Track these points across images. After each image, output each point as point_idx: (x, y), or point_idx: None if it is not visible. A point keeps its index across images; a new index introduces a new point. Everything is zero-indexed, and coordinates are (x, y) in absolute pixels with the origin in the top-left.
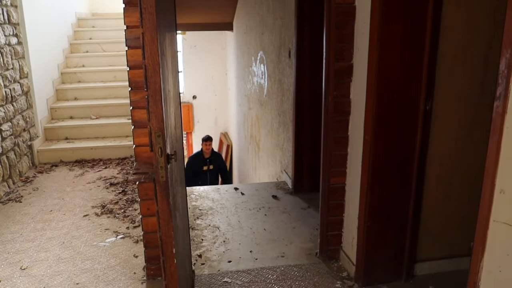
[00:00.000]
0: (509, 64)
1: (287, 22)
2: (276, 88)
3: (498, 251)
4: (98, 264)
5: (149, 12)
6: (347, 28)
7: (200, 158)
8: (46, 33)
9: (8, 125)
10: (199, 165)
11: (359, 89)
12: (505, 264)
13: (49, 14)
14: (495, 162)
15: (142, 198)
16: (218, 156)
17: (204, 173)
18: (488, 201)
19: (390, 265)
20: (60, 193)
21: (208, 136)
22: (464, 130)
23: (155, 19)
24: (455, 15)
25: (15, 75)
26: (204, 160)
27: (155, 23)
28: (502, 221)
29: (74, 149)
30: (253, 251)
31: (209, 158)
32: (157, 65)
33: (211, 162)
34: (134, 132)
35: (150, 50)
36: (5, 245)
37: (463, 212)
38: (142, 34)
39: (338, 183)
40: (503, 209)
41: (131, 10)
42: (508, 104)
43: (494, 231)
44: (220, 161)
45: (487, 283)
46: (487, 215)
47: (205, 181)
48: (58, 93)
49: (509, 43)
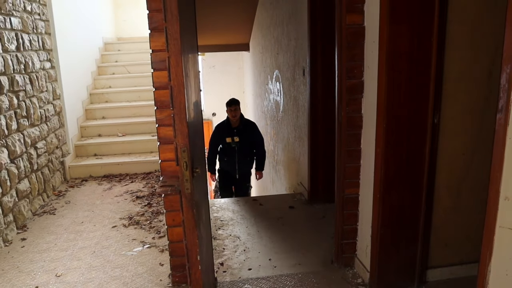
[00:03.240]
0: (510, 79)
1: (301, 43)
2: (292, 105)
3: (504, 255)
4: (127, 272)
5: (174, 38)
6: (357, 48)
7: (224, 127)
8: (76, 58)
9: (43, 143)
10: (223, 136)
11: (370, 105)
12: (511, 268)
13: (79, 40)
14: (499, 171)
15: (167, 210)
16: (250, 126)
17: (228, 148)
18: (493, 208)
19: (403, 272)
20: (90, 206)
21: (233, 99)
22: (471, 141)
23: (179, 44)
24: (459, 33)
25: (48, 97)
26: (229, 130)
27: (179, 48)
28: (507, 226)
29: (103, 165)
30: (272, 259)
31: (237, 128)
32: (182, 86)
33: (239, 133)
34: (159, 148)
35: (175, 73)
36: (41, 254)
37: (472, 220)
38: (168, 58)
39: (352, 194)
40: (508, 215)
41: (156, 36)
42: (509, 116)
43: (500, 237)
44: (253, 132)
45: (495, 286)
46: (493, 222)
47: (231, 160)
48: (87, 112)
49: (509, 59)
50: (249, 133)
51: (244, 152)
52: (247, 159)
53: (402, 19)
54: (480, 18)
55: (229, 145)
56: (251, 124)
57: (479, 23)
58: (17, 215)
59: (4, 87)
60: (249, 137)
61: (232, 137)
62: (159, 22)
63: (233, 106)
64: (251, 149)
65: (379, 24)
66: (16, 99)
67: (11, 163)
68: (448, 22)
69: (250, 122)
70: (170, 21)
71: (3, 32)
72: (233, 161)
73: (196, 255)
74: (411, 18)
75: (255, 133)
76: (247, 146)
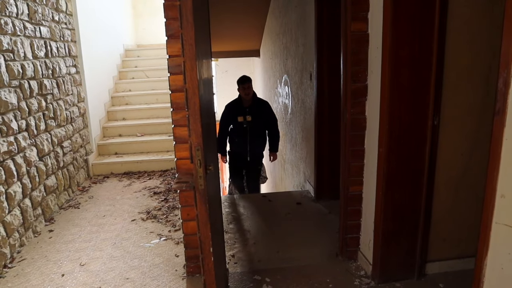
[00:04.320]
0: (506, 83)
1: (308, 49)
2: (299, 107)
3: (500, 250)
4: (145, 262)
5: (189, 44)
6: (362, 53)
7: (235, 106)
8: (99, 63)
9: (68, 142)
10: (234, 115)
11: (373, 107)
12: (506, 262)
13: (102, 47)
14: (496, 169)
15: (183, 205)
16: (263, 105)
17: (240, 128)
18: (490, 205)
19: (404, 265)
20: (111, 200)
21: (246, 76)
22: (469, 142)
23: (194, 50)
24: (458, 39)
25: (73, 100)
26: (241, 109)
27: (194, 53)
28: (503, 223)
29: (123, 163)
30: (280, 252)
31: (249, 107)
32: (196, 89)
33: (251, 112)
34: (175, 147)
35: (190, 76)
36: (67, 245)
37: (470, 216)
38: (184, 62)
39: (356, 191)
40: (504, 212)
41: (173, 42)
42: (506, 118)
43: (496, 232)
44: (266, 111)
45: (490, 279)
46: (489, 218)
47: (242, 141)
48: (109, 114)
49: (506, 64)
50: (262, 112)
51: (256, 133)
52: (259, 140)
53: (404, 26)
54: (478, 25)
55: (240, 125)
56: (264, 103)
57: (477, 30)
58: (45, 209)
59: (34, 91)
60: (261, 117)
61: (244, 116)
62: (175, 30)
63: (246, 84)
64: (264, 129)
65: (382, 31)
66: (44, 101)
67: (40, 160)
68: (448, 30)
69: (263, 101)
70: (186, 28)
71: (33, 40)
72: (245, 142)
73: (209, 247)
74: (412, 26)
75: (268, 112)
76: (259, 126)
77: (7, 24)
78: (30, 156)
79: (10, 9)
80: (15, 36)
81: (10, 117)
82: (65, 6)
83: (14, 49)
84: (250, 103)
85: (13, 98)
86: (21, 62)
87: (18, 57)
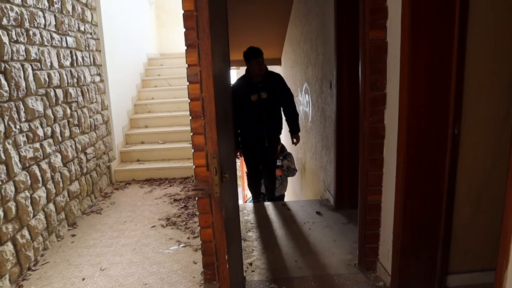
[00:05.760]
0: None
1: (328, 57)
2: (320, 116)
3: None
4: (163, 268)
5: (205, 54)
6: (380, 61)
7: (245, 84)
8: (122, 72)
9: (92, 149)
10: (246, 94)
11: (392, 115)
12: None
13: (125, 56)
14: None
15: (201, 212)
16: (276, 78)
17: (254, 106)
18: (510, 217)
19: (423, 276)
20: (133, 207)
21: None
22: (491, 152)
23: (210, 59)
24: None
25: (97, 108)
26: (252, 86)
27: (210, 63)
28: None
29: (144, 170)
30: (298, 261)
31: (261, 82)
32: (212, 97)
33: (265, 88)
34: (194, 155)
35: (206, 85)
36: (88, 249)
37: (492, 229)
38: (200, 72)
39: (374, 200)
40: None
41: (191, 51)
42: None
43: None
44: (281, 85)
45: None
46: (509, 230)
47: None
48: (132, 121)
49: None
50: (276, 87)
51: (273, 112)
52: (276, 120)
53: (422, 34)
54: (500, 31)
55: (254, 105)
56: (276, 76)
57: (499, 36)
58: (68, 214)
59: (59, 99)
60: (276, 92)
61: (258, 93)
62: (193, 39)
63: (260, 58)
64: (278, 107)
65: (400, 39)
66: (69, 109)
67: (64, 166)
68: (468, 36)
69: (274, 73)
70: (202, 38)
71: (59, 50)
72: (261, 125)
73: (224, 254)
74: (431, 33)
75: (283, 86)
76: (275, 104)
77: (35, 35)
78: (54, 162)
79: (38, 21)
80: (43, 46)
81: (37, 124)
82: (91, 16)
83: (42, 59)
84: (262, 78)
85: (40, 106)
86: (47, 71)
87: (45, 66)
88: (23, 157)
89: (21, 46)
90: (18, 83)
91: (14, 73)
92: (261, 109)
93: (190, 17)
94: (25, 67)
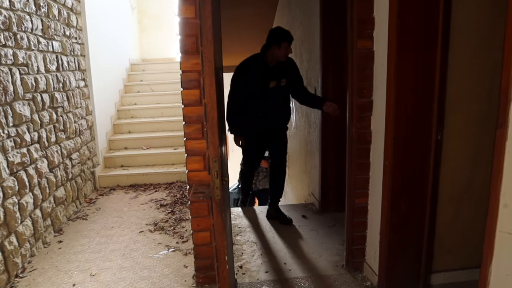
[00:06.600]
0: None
1: (313, 65)
2: (304, 121)
3: (504, 258)
4: (154, 273)
5: (208, 61)
6: (367, 70)
7: (260, 67)
8: (106, 77)
9: (77, 154)
10: (263, 79)
11: (378, 121)
12: (511, 270)
13: (109, 60)
14: (499, 180)
15: (193, 216)
16: (291, 63)
17: (267, 96)
18: (494, 214)
19: (409, 276)
20: (119, 212)
21: (289, 32)
22: (472, 155)
23: (213, 66)
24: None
25: (82, 113)
26: (269, 71)
27: (213, 70)
28: (506, 231)
29: (129, 175)
30: (287, 263)
31: (276, 67)
32: (215, 104)
33: (281, 74)
34: (187, 159)
35: (209, 92)
36: (77, 255)
37: (473, 228)
38: (203, 78)
39: (361, 203)
40: (507, 221)
41: (186, 58)
42: (508, 132)
43: (500, 241)
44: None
45: (495, 286)
46: (493, 227)
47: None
48: (115, 127)
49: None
50: (292, 73)
51: (286, 100)
52: (287, 110)
53: (408, 44)
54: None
55: (269, 92)
56: (291, 60)
57: (479, 47)
58: (54, 220)
59: (46, 104)
60: (291, 78)
61: (277, 79)
62: (189, 46)
63: (291, 43)
64: (289, 94)
65: (387, 49)
66: (55, 114)
67: (50, 172)
68: (450, 47)
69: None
70: (206, 46)
71: (46, 55)
72: (273, 115)
73: (224, 255)
74: (416, 42)
75: (297, 71)
76: (286, 91)
77: (22, 39)
78: (41, 168)
79: (26, 25)
80: (30, 50)
81: (24, 129)
82: (76, 21)
83: (29, 63)
84: (276, 63)
85: (27, 111)
86: (34, 76)
87: (32, 70)
88: (10, 162)
89: (9, 50)
90: (6, 88)
91: (2, 77)
92: (276, 98)
93: (188, 24)
94: (12, 71)
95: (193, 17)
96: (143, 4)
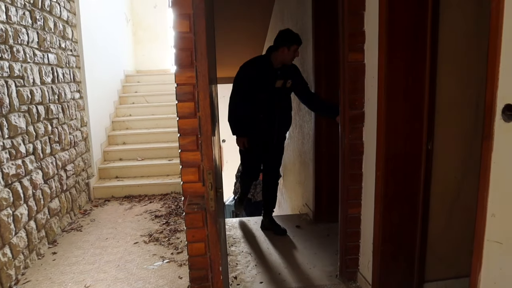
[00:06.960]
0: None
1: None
2: (297, 132)
3: (492, 266)
4: (149, 284)
5: (202, 75)
6: (359, 82)
7: (265, 67)
8: (101, 88)
9: (71, 165)
10: (268, 80)
11: (370, 133)
12: (498, 277)
13: (104, 72)
14: (486, 190)
15: (188, 227)
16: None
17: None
18: (482, 224)
19: (402, 285)
20: (113, 223)
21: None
22: (462, 165)
23: (207, 80)
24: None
25: (77, 124)
26: (273, 72)
27: (207, 84)
28: (494, 240)
29: (123, 186)
30: (281, 274)
31: (280, 69)
32: (209, 117)
33: (287, 75)
34: (182, 171)
35: (203, 105)
36: (71, 267)
37: (465, 237)
38: (197, 92)
39: (354, 213)
40: (495, 230)
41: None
42: (493, 143)
43: (488, 249)
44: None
45: None
46: (482, 236)
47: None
48: (110, 138)
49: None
50: (297, 77)
51: (287, 104)
52: (288, 115)
53: (398, 58)
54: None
55: (272, 94)
56: (293, 65)
57: (466, 60)
58: (49, 231)
59: (41, 115)
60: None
61: (284, 80)
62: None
63: (300, 46)
64: (290, 100)
65: (378, 62)
66: (50, 126)
67: (45, 183)
68: (439, 61)
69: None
70: (200, 60)
71: (41, 67)
72: (272, 118)
73: (218, 266)
74: (406, 57)
75: (300, 75)
76: (289, 95)
77: (19, 51)
78: (36, 179)
79: (22, 37)
80: (26, 62)
81: (19, 141)
82: (71, 33)
83: (24, 75)
84: (281, 65)
85: (22, 123)
86: (30, 88)
87: (27, 82)
88: (5, 174)
89: (5, 63)
90: (2, 100)
91: None
92: (281, 100)
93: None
94: (8, 84)
95: (187, 31)
96: (138, 16)
